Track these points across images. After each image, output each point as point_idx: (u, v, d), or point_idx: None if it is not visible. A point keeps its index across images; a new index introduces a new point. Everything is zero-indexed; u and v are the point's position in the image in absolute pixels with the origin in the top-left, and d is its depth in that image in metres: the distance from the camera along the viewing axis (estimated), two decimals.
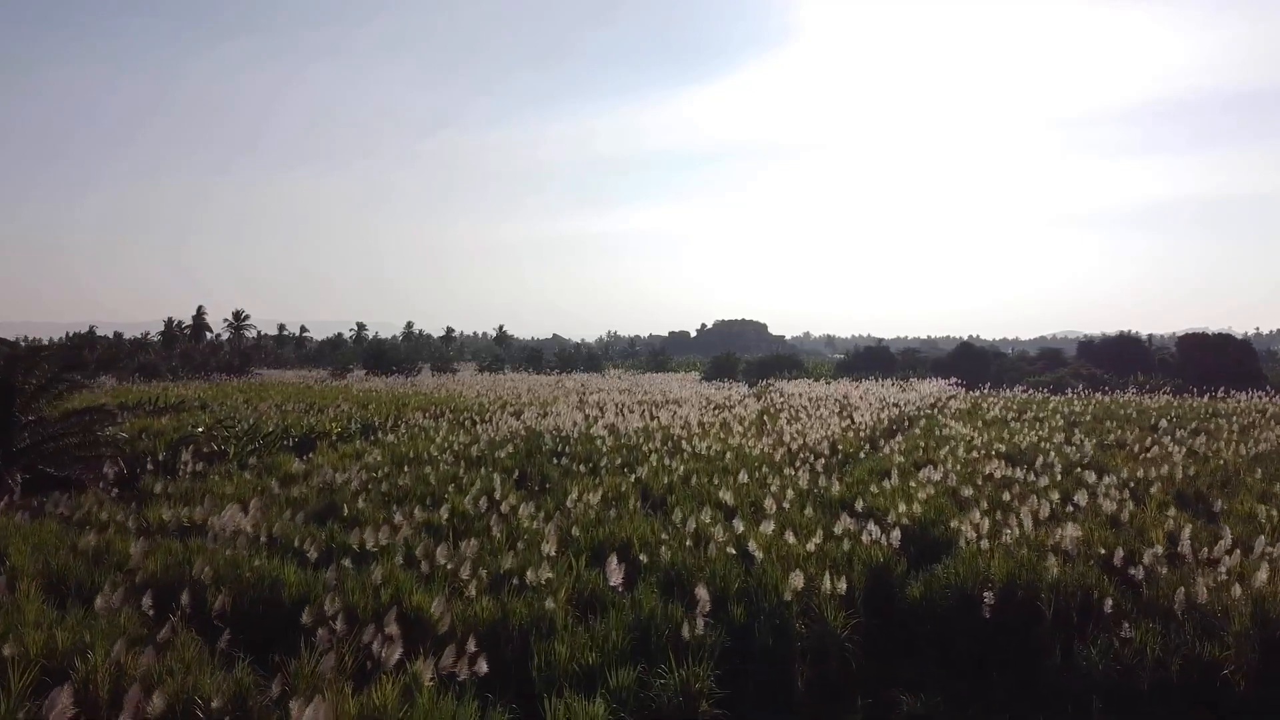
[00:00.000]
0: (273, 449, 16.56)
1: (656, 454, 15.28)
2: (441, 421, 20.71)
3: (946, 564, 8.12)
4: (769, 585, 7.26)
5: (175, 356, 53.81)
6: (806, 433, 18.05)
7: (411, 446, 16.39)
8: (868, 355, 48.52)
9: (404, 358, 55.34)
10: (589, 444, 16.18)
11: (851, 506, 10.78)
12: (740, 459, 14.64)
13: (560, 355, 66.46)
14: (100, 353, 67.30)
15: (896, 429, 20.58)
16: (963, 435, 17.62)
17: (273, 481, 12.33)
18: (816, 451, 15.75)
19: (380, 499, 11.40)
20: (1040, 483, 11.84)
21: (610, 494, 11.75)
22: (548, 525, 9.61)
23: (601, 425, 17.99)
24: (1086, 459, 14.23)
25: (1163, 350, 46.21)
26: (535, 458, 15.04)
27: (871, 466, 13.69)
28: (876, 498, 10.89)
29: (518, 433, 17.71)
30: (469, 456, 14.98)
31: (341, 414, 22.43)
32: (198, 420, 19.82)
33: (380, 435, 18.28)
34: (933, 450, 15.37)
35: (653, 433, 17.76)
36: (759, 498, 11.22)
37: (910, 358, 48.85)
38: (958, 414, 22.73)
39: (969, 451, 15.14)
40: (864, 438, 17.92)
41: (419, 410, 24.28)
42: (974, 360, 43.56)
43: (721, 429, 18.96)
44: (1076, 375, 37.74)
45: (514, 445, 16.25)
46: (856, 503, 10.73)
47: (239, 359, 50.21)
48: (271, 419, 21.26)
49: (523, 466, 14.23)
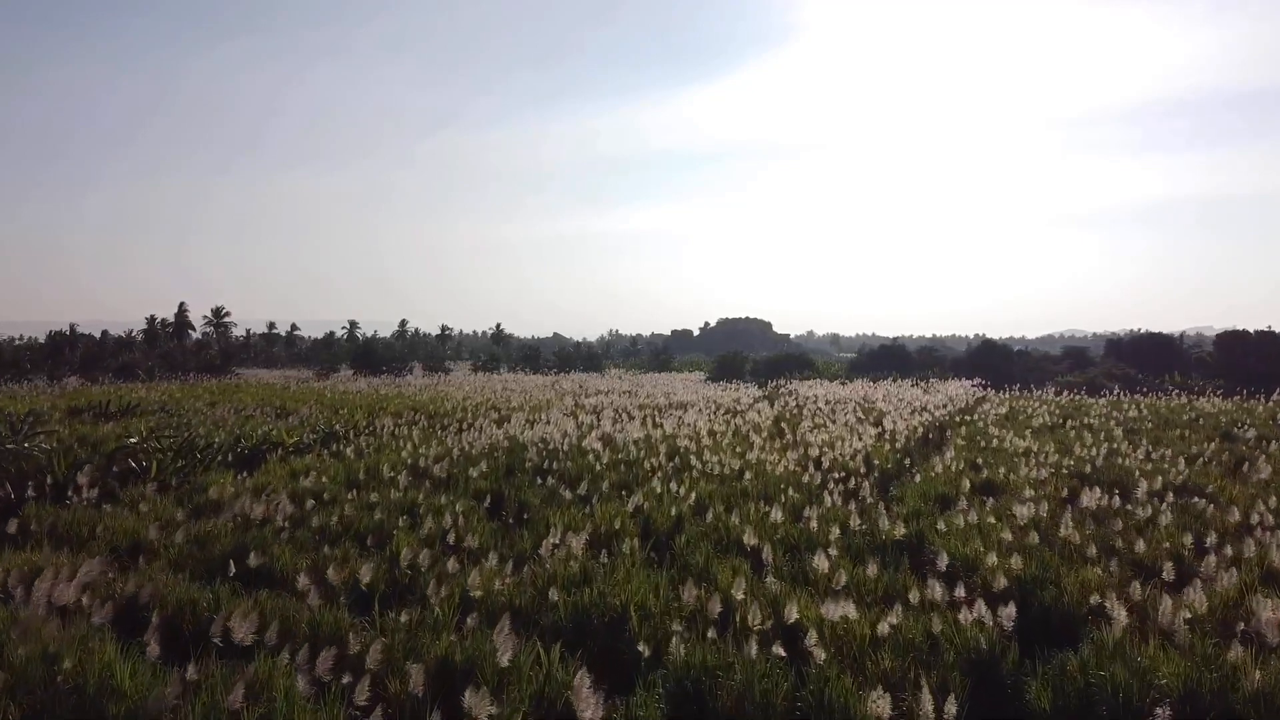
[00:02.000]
0: (210, 464, 14.11)
1: (661, 472, 12.81)
2: (416, 429, 18.24)
3: (1083, 654, 5.62)
4: (835, 707, 4.78)
5: (155, 356, 51.39)
6: (834, 443, 15.56)
7: (375, 460, 13.97)
8: (882, 354, 45.93)
9: (394, 357, 52.89)
10: (580, 459, 13.72)
11: (917, 552, 8.32)
12: (761, 479, 12.18)
13: (559, 354, 63.91)
14: (81, 352, 65.00)
15: (934, 438, 18.08)
16: (1018, 448, 15.11)
17: (179, 513, 9.88)
18: (850, 468, 13.26)
19: (310, 538, 8.94)
20: (1143, 514, 9.36)
21: (603, 530, 9.29)
22: (514, 580, 7.16)
23: (596, 435, 15.50)
24: (1181, 479, 11.72)
25: (1196, 349, 43.67)
26: (515, 477, 12.59)
27: (924, 490, 11.20)
28: (947, 539, 8.39)
29: (499, 444, 15.24)
30: (437, 475, 12.53)
31: (305, 420, 20.00)
32: (131, 429, 17.37)
33: (342, 446, 15.84)
34: (991, 467, 12.87)
35: (655, 444, 15.28)
36: (792, 536, 8.74)
37: (927, 357, 46.25)
38: (998, 420, 20.22)
39: (1035, 468, 12.65)
40: (900, 450, 15.43)
41: (396, 415, 21.84)
42: (996, 359, 41.01)
43: (735, 439, 16.48)
44: (1109, 375, 35.20)
45: (492, 460, 13.80)
46: (924, 548, 8.26)
47: (220, 358, 47.77)
48: (225, 426, 18.84)
49: (499, 489, 11.77)
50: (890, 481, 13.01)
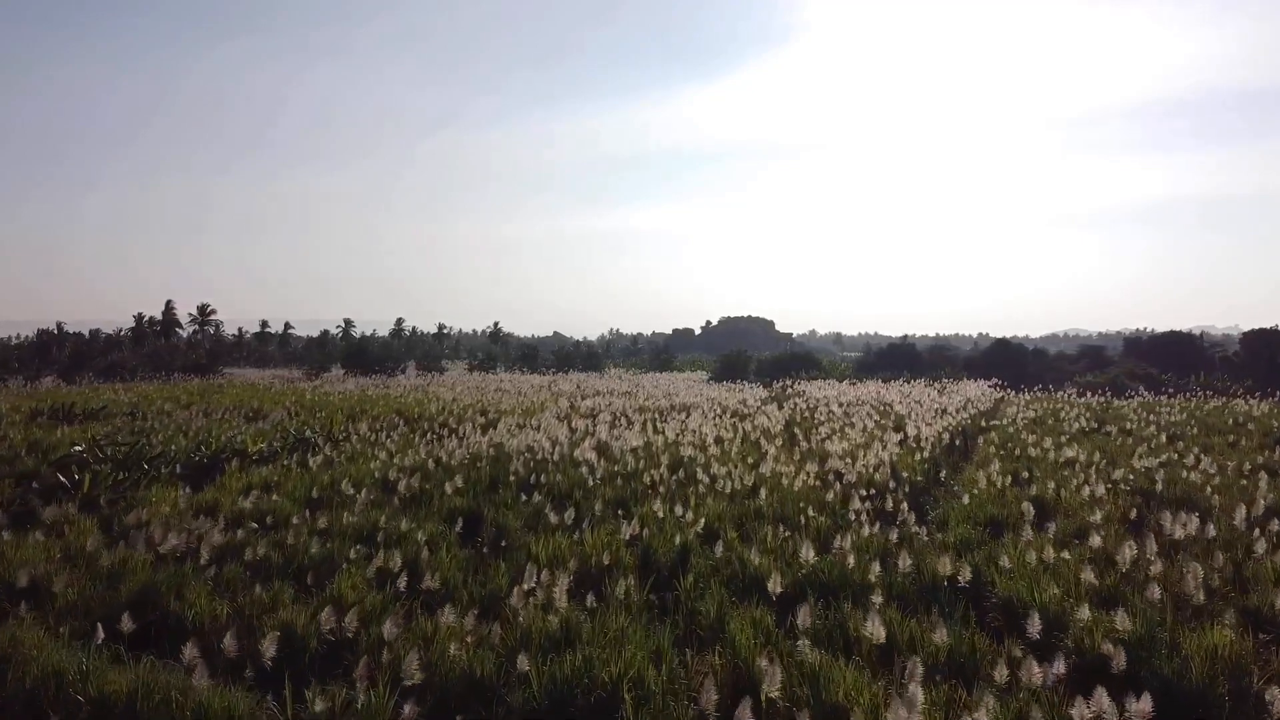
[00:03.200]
0: (159, 477, 12.59)
1: (663, 486, 11.28)
2: (395, 435, 16.71)
3: None
4: None
5: (142, 355, 49.90)
6: (855, 452, 14.03)
7: (343, 471, 12.47)
8: (891, 353, 44.29)
9: (387, 356, 51.34)
10: (572, 472, 12.19)
11: (977, 596, 6.77)
12: (777, 495, 10.65)
13: (557, 354, 62.32)
14: (69, 351, 63.58)
15: (962, 445, 16.54)
16: (1059, 457, 13.57)
17: (93, 540, 8.35)
18: (876, 483, 11.72)
19: (241, 574, 7.42)
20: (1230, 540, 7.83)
21: (594, 563, 7.77)
22: (477, 637, 5.64)
23: (591, 444, 13.96)
24: (1266, 497, 10.16)
25: (1219, 348, 42.09)
26: (497, 493, 11.06)
27: (970, 511, 9.65)
28: (1014, 580, 6.84)
29: (482, 454, 13.71)
30: (408, 491, 11.01)
31: (278, 425, 18.48)
32: (88, 435, 15.85)
33: (312, 455, 14.32)
34: (1039, 482, 11.32)
35: (656, 453, 13.76)
36: (822, 574, 7.20)
37: (938, 356, 44.61)
38: (1028, 424, 18.67)
39: (1088, 483, 11.11)
40: (928, 459, 13.88)
41: (378, 419, 20.33)
42: (1010, 359, 39.42)
43: (744, 447, 14.95)
44: (1131, 375, 33.61)
45: (474, 471, 12.29)
46: (987, 591, 6.72)
47: (207, 358, 46.22)
48: (190, 431, 17.32)
49: (476, 508, 10.26)
50: (921, 496, 11.49)
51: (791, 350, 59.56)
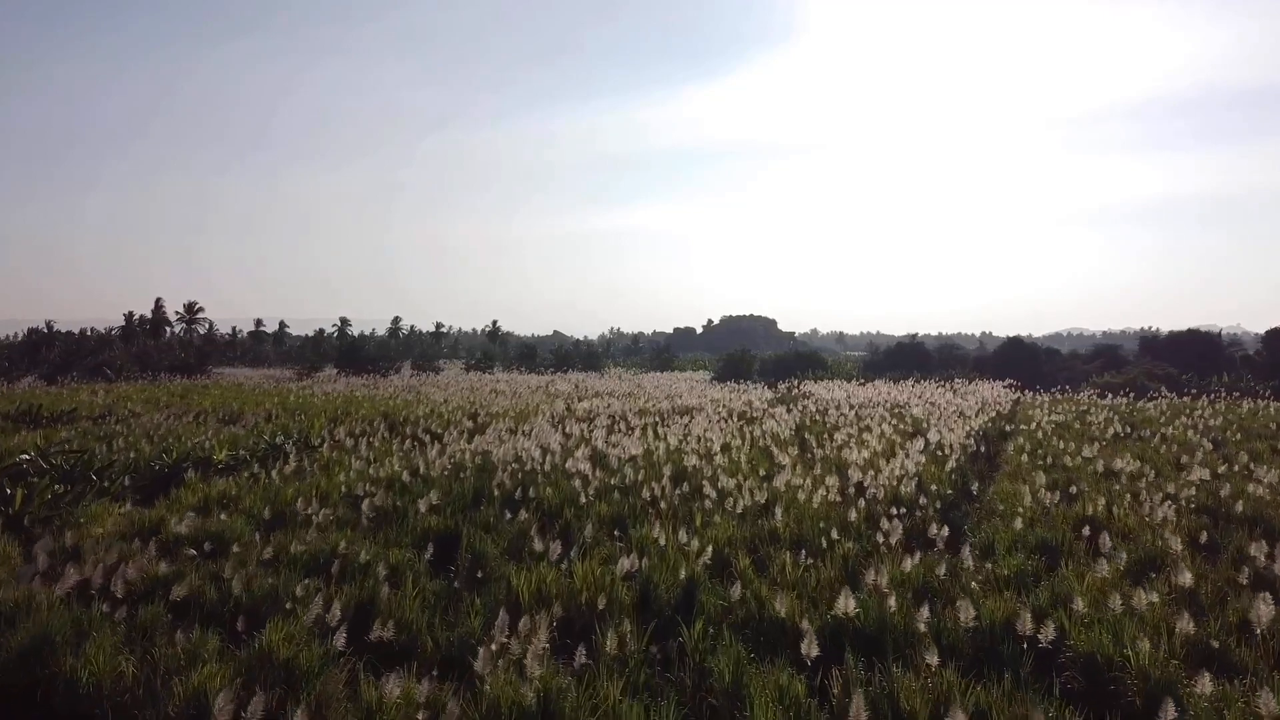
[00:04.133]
0: (111, 490, 11.41)
1: (665, 501, 10.08)
2: (376, 441, 15.51)
3: None
4: None
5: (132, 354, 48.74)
6: (875, 462, 12.82)
7: (312, 484, 11.31)
8: (899, 353, 42.98)
9: (382, 355, 50.12)
10: (564, 484, 11.00)
11: (1055, 656, 5.57)
12: (793, 511, 9.45)
13: (556, 353, 61.03)
14: (58, 350, 62.40)
15: (986, 451, 15.34)
16: (1099, 466, 12.35)
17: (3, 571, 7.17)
18: (903, 497, 10.51)
19: (162, 617, 6.22)
20: None
21: (584, 601, 6.58)
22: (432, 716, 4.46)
23: (585, 453, 12.73)
24: None
25: (1237, 347, 40.85)
26: (479, 510, 9.86)
27: (1021, 536, 8.43)
28: (1095, 633, 5.62)
29: (465, 464, 12.51)
30: (378, 507, 9.82)
31: (253, 429, 17.28)
32: (48, 440, 14.67)
33: (283, 463, 13.14)
34: (1087, 497, 10.09)
35: (658, 463, 12.56)
36: (859, 620, 5.99)
37: (947, 355, 43.34)
38: (1057, 428, 17.44)
39: (1142, 499, 9.90)
40: (955, 470, 12.67)
41: (364, 422, 19.14)
42: (1023, 358, 38.16)
43: (753, 454, 13.74)
44: (1150, 376, 32.35)
45: (456, 484, 11.10)
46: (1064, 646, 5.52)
47: (195, 357, 45.00)
48: (156, 436, 16.13)
49: (453, 528, 9.06)
50: (951, 511, 10.29)
51: (795, 349, 58.28)
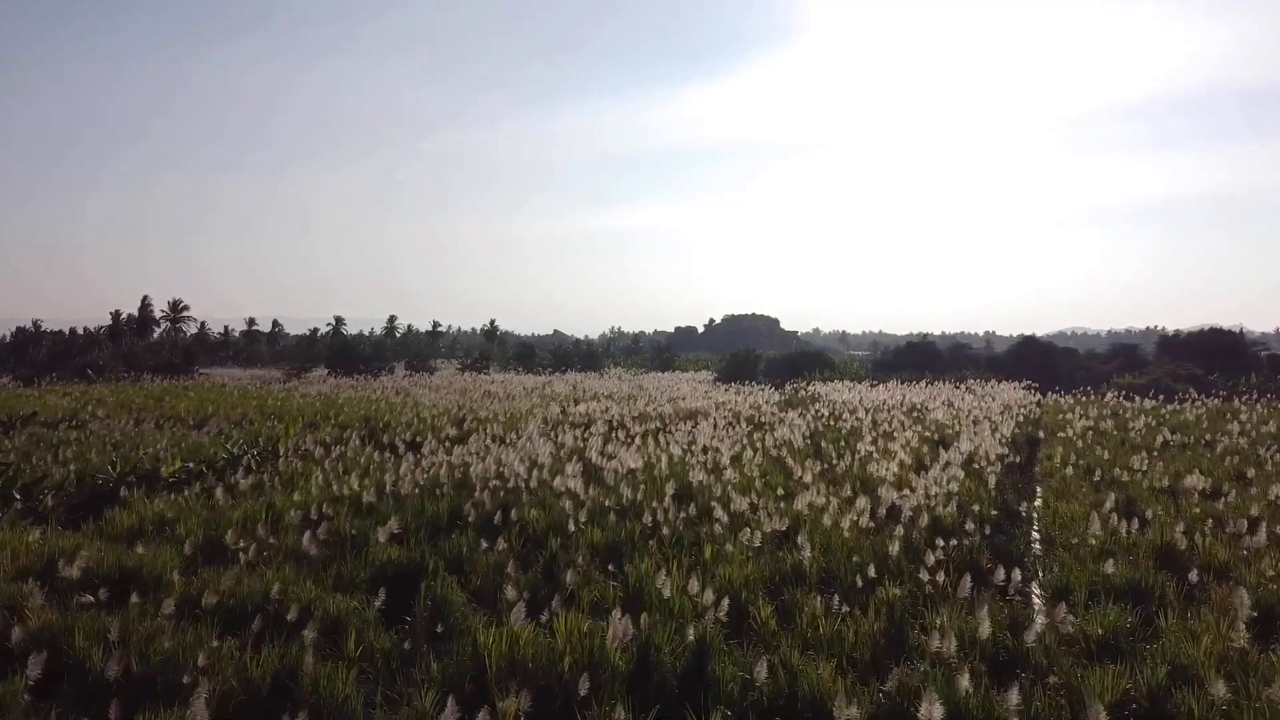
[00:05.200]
0: (37, 509, 10.01)
1: (668, 527, 8.66)
2: (350, 449, 14.08)
3: None
4: None
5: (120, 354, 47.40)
6: (906, 477, 11.40)
7: (265, 504, 9.90)
8: (910, 352, 41.49)
9: (374, 355, 48.71)
10: (554, 503, 9.59)
11: None
12: (820, 540, 8.04)
13: (555, 353, 59.52)
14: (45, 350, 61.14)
15: (1023, 462, 13.91)
16: (1156, 480, 10.92)
17: None
18: (944, 520, 9.08)
19: (17, 699, 4.81)
20: None
21: (567, 664, 5.16)
22: None
23: (576, 470, 11.27)
24: None
25: (1260, 346, 39.40)
26: (451, 537, 8.43)
27: (1097, 578, 7.00)
28: None
29: (439, 479, 11.07)
30: (335, 534, 8.41)
31: (217, 436, 15.86)
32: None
33: (244, 475, 11.73)
34: (1162, 524, 8.65)
35: (659, 478, 11.14)
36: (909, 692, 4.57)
37: (959, 355, 41.87)
38: (1094, 435, 15.99)
39: (1225, 523, 8.47)
40: (995, 488, 11.23)
41: (341, 428, 17.73)
42: (1039, 358, 36.70)
43: (766, 467, 12.32)
44: (1174, 376, 30.91)
45: (430, 502, 9.69)
46: None
47: (181, 357, 43.62)
48: (108, 445, 14.72)
49: (418, 561, 7.66)
50: (998, 536, 8.87)
51: (797, 349, 56.79)
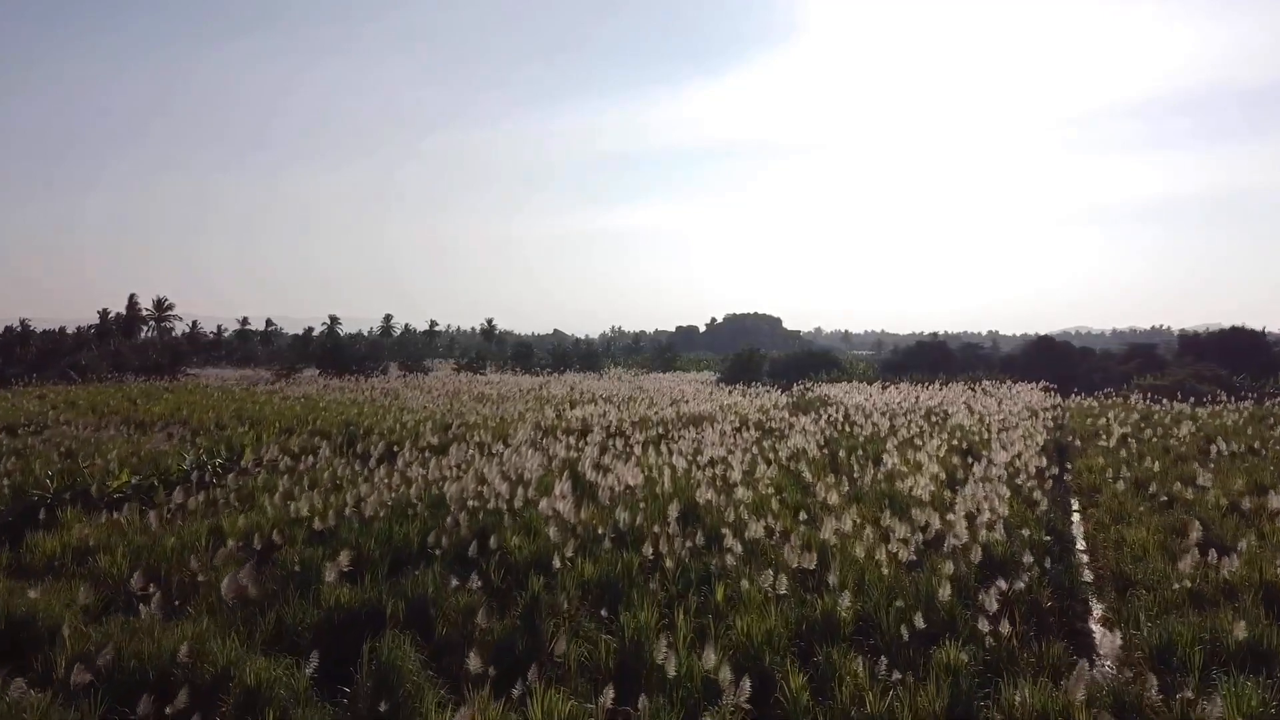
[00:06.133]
0: None
1: (671, 559, 7.36)
2: (319, 458, 12.79)
3: None
4: None
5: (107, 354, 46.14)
6: (941, 496, 10.10)
7: (209, 527, 8.65)
8: (919, 352, 40.11)
9: (369, 355, 47.35)
10: (538, 528, 8.29)
11: None
12: (853, 576, 6.75)
13: (554, 353, 58.15)
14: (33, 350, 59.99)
15: (1061, 473, 12.60)
16: (1221, 498, 9.60)
17: None
18: (992, 551, 7.78)
19: None
20: None
21: None
22: None
23: (567, 488, 9.95)
24: None
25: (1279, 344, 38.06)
26: (414, 575, 7.11)
27: (1203, 630, 5.70)
28: None
29: (407, 499, 9.75)
30: (281, 566, 7.14)
31: (177, 444, 14.55)
32: None
33: (192, 493, 10.43)
34: (1255, 554, 7.35)
35: (662, 495, 9.84)
36: None
37: (971, 354, 40.47)
38: (1140, 443, 14.67)
39: None
40: (1045, 507, 9.91)
41: (318, 434, 16.44)
42: (1055, 358, 35.34)
43: (783, 480, 11.02)
44: (1199, 377, 29.57)
45: (399, 526, 8.39)
46: None
47: (168, 357, 42.37)
48: (60, 453, 13.44)
49: (373, 604, 6.37)
50: (1057, 569, 7.59)
51: (800, 349, 55.44)
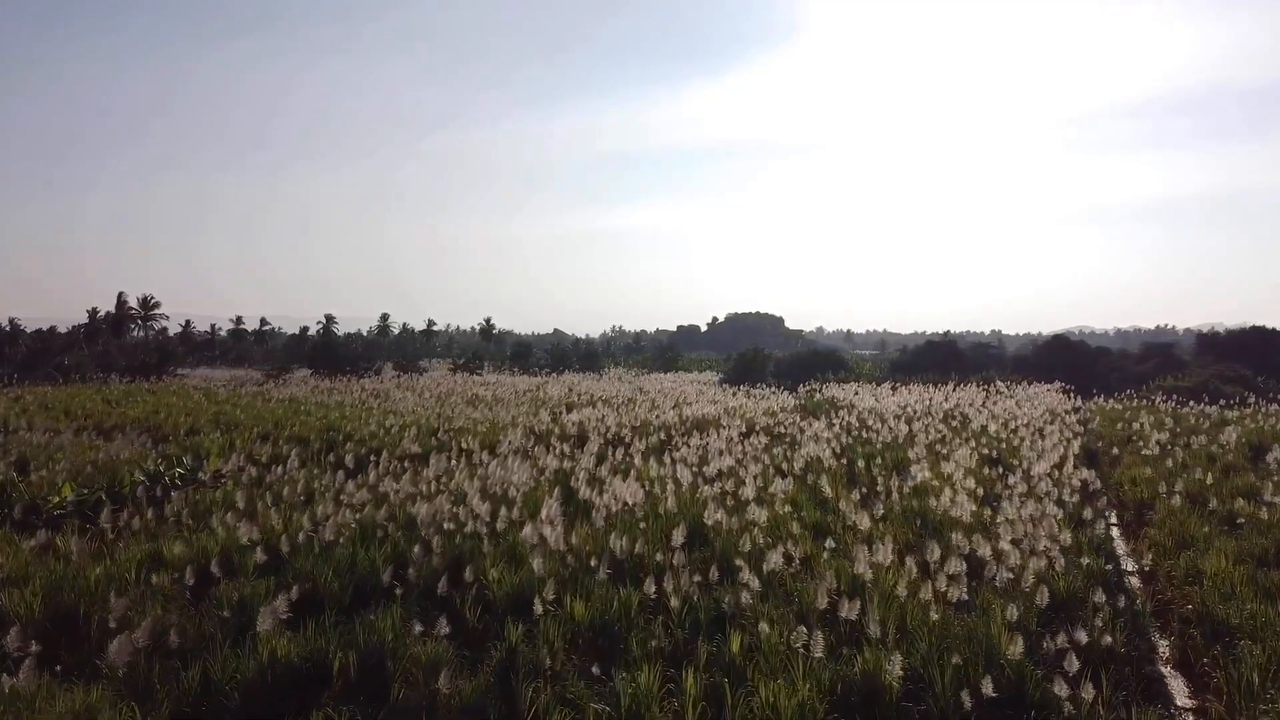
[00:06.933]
0: None
1: (676, 596, 6.20)
2: (289, 468, 11.62)
3: None
4: None
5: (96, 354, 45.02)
6: (982, 517, 8.93)
7: (138, 556, 7.53)
8: (929, 351, 38.89)
9: (363, 354, 46.17)
10: (520, 561, 7.13)
11: None
12: (895, 628, 5.59)
13: (553, 352, 56.90)
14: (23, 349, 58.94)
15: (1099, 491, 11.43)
16: None
17: None
18: (1053, 585, 6.62)
19: None
20: None
21: None
22: None
23: (556, 508, 8.78)
24: None
25: None
26: (376, 615, 5.94)
27: None
28: None
29: (374, 521, 8.56)
30: (220, 602, 5.99)
31: (133, 456, 13.38)
32: None
33: (140, 511, 9.28)
34: None
35: (665, 516, 8.68)
36: None
37: (982, 354, 39.24)
38: (1173, 448, 13.49)
39: None
40: (1101, 529, 8.74)
41: (295, 441, 15.29)
42: (1070, 358, 34.15)
43: (800, 496, 9.86)
44: (1223, 378, 28.38)
45: (364, 552, 7.24)
46: None
47: (156, 357, 41.23)
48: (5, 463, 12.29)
49: (320, 653, 5.21)
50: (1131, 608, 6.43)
51: (804, 348, 54.21)
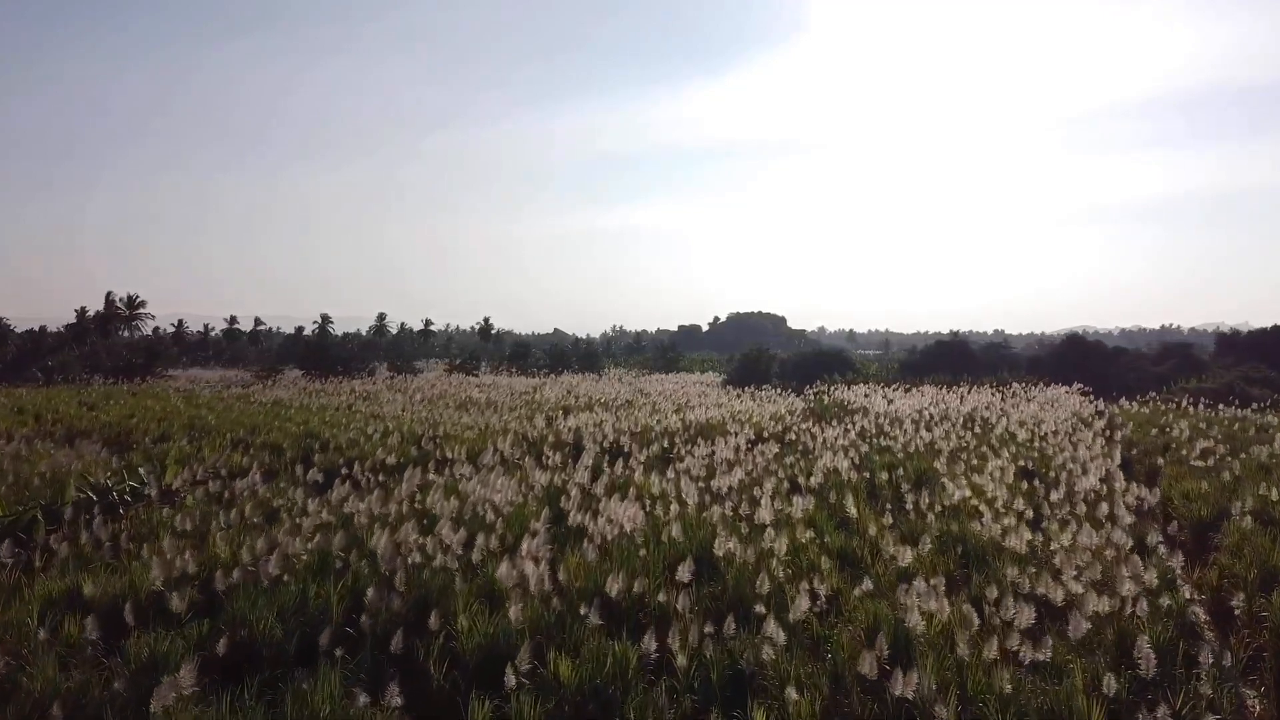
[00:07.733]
0: None
1: (684, 655, 5.05)
2: (250, 482, 10.47)
3: None
4: None
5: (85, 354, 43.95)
6: (1036, 543, 7.78)
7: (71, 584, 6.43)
8: (940, 352, 37.70)
9: (359, 355, 45.05)
10: (498, 601, 5.99)
11: None
12: (956, 700, 4.43)
13: (551, 352, 55.74)
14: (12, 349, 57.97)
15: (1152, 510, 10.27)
16: None
17: None
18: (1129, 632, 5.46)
19: None
20: None
21: None
22: None
23: (543, 539, 7.61)
24: None
25: None
26: (299, 693, 4.79)
27: None
28: None
29: (333, 552, 7.40)
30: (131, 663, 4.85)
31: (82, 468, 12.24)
32: None
33: (79, 535, 8.14)
34: None
35: (669, 544, 7.52)
36: None
37: (994, 355, 38.04)
38: (1226, 458, 12.31)
39: None
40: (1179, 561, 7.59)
41: (269, 448, 14.17)
42: (1086, 358, 32.97)
43: (821, 519, 8.70)
44: (1249, 380, 27.21)
45: (316, 588, 6.10)
46: None
47: (143, 357, 40.16)
48: None
49: None
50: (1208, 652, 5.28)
51: (813, 348, 53.05)
